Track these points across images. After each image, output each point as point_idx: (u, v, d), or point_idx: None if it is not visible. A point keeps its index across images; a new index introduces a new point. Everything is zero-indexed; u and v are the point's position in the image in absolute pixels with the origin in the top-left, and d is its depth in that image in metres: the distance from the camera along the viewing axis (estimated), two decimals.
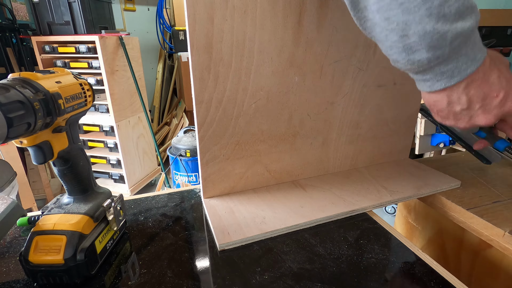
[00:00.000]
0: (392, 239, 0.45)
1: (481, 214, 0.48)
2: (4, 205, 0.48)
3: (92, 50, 1.80)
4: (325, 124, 0.58)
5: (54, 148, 0.35)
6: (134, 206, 0.54)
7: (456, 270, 0.62)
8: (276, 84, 0.51)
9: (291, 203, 0.52)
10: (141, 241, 0.45)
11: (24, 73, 0.31)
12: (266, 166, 0.56)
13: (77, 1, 1.76)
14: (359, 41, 0.53)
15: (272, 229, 0.45)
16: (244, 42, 0.46)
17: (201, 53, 0.44)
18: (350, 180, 0.60)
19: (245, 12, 0.44)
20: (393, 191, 0.55)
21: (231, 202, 0.53)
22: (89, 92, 0.39)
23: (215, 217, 0.48)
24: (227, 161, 0.53)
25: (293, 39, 0.49)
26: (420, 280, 0.38)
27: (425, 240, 0.71)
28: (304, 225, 0.47)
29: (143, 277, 0.38)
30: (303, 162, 0.60)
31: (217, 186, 0.54)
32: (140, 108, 2.18)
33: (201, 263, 0.41)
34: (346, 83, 0.56)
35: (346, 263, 0.40)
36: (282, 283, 0.37)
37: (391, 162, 0.68)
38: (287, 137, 0.56)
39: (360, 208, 0.51)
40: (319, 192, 0.56)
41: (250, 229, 0.45)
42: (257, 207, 0.51)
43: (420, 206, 0.72)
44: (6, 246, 0.45)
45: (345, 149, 0.62)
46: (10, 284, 0.37)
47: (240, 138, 0.52)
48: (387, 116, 0.63)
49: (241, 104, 0.50)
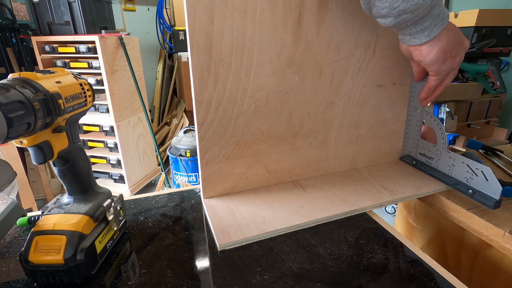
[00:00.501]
0: (392, 239, 0.45)
1: (481, 214, 0.48)
2: (4, 205, 0.48)
3: (92, 50, 1.80)
4: (325, 124, 0.58)
5: (54, 148, 0.35)
6: (134, 206, 0.54)
7: (456, 270, 0.62)
8: (276, 84, 0.51)
9: (291, 203, 0.52)
10: (141, 241, 0.45)
11: (24, 73, 0.31)
12: (266, 166, 0.56)
13: (77, 1, 1.76)
14: (358, 41, 0.53)
15: (273, 229, 0.45)
16: (244, 42, 0.46)
17: (201, 53, 0.44)
18: (350, 180, 0.60)
19: (245, 12, 0.44)
20: (393, 191, 0.55)
21: (231, 202, 0.53)
22: (89, 92, 0.39)
23: (215, 217, 0.48)
24: (227, 161, 0.53)
25: (292, 39, 0.49)
26: (420, 280, 0.38)
27: (425, 240, 0.71)
28: (304, 225, 0.47)
29: (143, 277, 0.38)
30: (303, 162, 0.60)
31: (217, 186, 0.54)
32: (140, 108, 2.18)
33: (201, 263, 0.41)
34: (345, 83, 0.56)
35: (346, 263, 0.40)
36: (282, 283, 0.37)
37: (391, 162, 0.68)
38: (287, 137, 0.56)
39: (360, 208, 0.51)
40: (319, 192, 0.56)
41: (250, 229, 0.45)
42: (257, 207, 0.51)
43: (420, 206, 0.73)
44: (6, 246, 0.45)
45: (345, 149, 0.62)
46: (10, 284, 0.37)
47: (240, 138, 0.52)
48: (386, 116, 0.63)
49: (241, 104, 0.50)
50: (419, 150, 0.63)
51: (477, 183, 0.51)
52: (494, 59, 1.63)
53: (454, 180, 0.55)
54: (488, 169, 0.48)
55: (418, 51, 0.43)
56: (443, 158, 0.57)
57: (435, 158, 0.59)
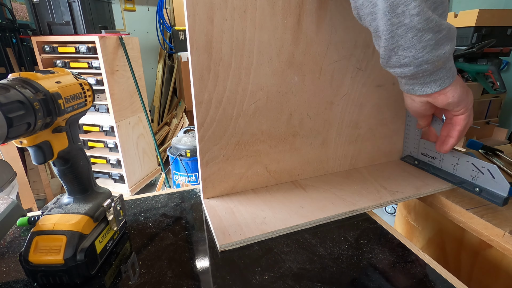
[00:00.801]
0: (392, 239, 0.45)
1: (481, 214, 0.48)
2: (4, 205, 0.48)
3: (92, 50, 1.80)
4: (325, 124, 0.58)
5: (54, 148, 0.35)
6: (134, 206, 0.54)
7: (456, 270, 0.62)
8: (276, 84, 0.51)
9: (291, 204, 0.52)
10: (141, 241, 0.45)
11: (24, 73, 0.31)
12: (266, 166, 0.56)
13: (77, 1, 1.76)
14: (358, 41, 0.53)
15: (273, 229, 0.45)
16: (244, 42, 0.46)
17: (201, 53, 0.44)
18: (350, 180, 0.60)
19: (245, 12, 0.44)
20: (393, 191, 0.55)
21: (231, 202, 0.53)
22: (89, 92, 0.39)
23: (215, 217, 0.48)
24: (227, 162, 0.53)
25: (292, 39, 0.49)
26: (420, 280, 0.38)
27: (425, 240, 0.71)
28: (305, 225, 0.47)
29: (143, 277, 0.38)
30: (303, 162, 0.60)
31: (217, 186, 0.54)
32: (140, 108, 2.18)
33: (201, 263, 0.41)
34: (345, 83, 0.56)
35: (346, 263, 0.40)
36: (282, 283, 0.37)
37: (391, 162, 0.68)
38: (287, 137, 0.56)
39: (360, 208, 0.51)
40: (319, 192, 0.56)
41: (250, 230, 0.45)
42: (257, 208, 0.51)
43: (420, 206, 0.73)
44: (6, 246, 0.45)
45: (345, 149, 0.62)
46: (10, 284, 0.37)
47: (240, 138, 0.52)
48: (386, 116, 0.63)
49: (241, 104, 0.50)
50: (421, 150, 0.63)
51: (484, 181, 0.51)
52: (494, 59, 1.63)
53: (459, 178, 0.56)
54: (495, 167, 0.49)
55: (444, 95, 0.43)
56: (446, 157, 0.57)
57: (438, 158, 0.59)
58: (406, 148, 0.67)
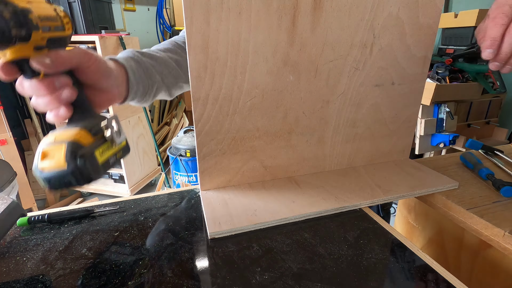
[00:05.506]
0: (392, 239, 0.45)
1: (481, 214, 0.48)
2: (4, 205, 0.48)
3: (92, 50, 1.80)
4: (321, 122, 0.58)
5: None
6: (134, 206, 0.55)
7: (456, 270, 0.62)
8: (271, 83, 0.51)
9: (283, 198, 0.53)
10: (141, 241, 0.45)
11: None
12: (261, 162, 0.57)
13: (77, 1, 1.76)
14: (354, 41, 0.54)
15: (262, 221, 0.47)
16: (239, 42, 0.47)
17: (198, 52, 0.45)
18: (345, 178, 0.60)
19: (240, 13, 0.45)
20: (386, 189, 0.55)
21: (226, 194, 0.54)
22: (66, 19, 0.40)
23: (209, 207, 0.50)
24: (223, 156, 0.54)
25: (287, 39, 0.49)
26: (420, 280, 0.38)
27: (425, 240, 0.71)
28: (294, 219, 0.49)
29: (143, 277, 0.38)
30: (299, 159, 0.60)
31: (214, 179, 0.56)
32: (140, 108, 2.18)
33: (201, 263, 0.41)
34: (341, 82, 0.56)
35: (346, 263, 0.40)
36: (282, 283, 0.37)
37: (390, 162, 0.68)
38: (283, 134, 0.56)
39: (351, 205, 0.51)
40: (313, 188, 0.56)
41: (240, 220, 0.47)
42: (250, 200, 0.52)
43: (420, 206, 0.73)
44: (6, 246, 0.45)
45: (342, 148, 0.62)
46: (10, 284, 0.37)
47: (236, 134, 0.53)
48: (385, 116, 0.63)
49: (237, 102, 0.51)
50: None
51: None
52: None
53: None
54: None
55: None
56: None
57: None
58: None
